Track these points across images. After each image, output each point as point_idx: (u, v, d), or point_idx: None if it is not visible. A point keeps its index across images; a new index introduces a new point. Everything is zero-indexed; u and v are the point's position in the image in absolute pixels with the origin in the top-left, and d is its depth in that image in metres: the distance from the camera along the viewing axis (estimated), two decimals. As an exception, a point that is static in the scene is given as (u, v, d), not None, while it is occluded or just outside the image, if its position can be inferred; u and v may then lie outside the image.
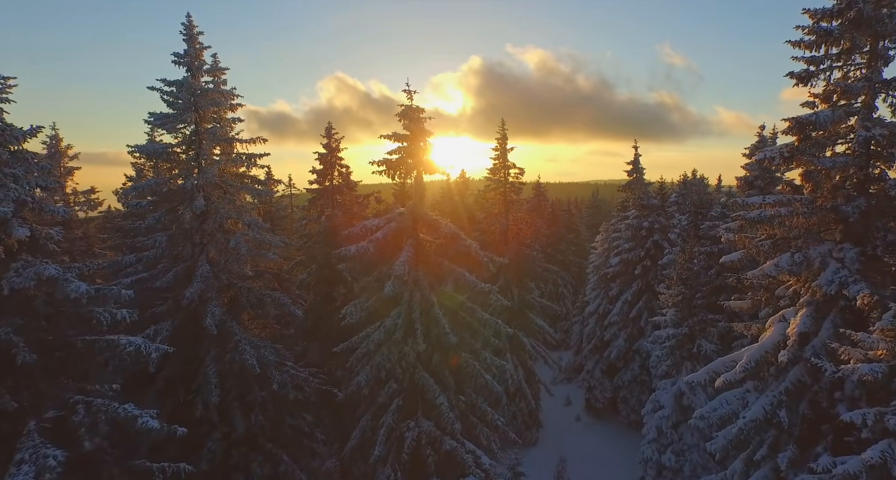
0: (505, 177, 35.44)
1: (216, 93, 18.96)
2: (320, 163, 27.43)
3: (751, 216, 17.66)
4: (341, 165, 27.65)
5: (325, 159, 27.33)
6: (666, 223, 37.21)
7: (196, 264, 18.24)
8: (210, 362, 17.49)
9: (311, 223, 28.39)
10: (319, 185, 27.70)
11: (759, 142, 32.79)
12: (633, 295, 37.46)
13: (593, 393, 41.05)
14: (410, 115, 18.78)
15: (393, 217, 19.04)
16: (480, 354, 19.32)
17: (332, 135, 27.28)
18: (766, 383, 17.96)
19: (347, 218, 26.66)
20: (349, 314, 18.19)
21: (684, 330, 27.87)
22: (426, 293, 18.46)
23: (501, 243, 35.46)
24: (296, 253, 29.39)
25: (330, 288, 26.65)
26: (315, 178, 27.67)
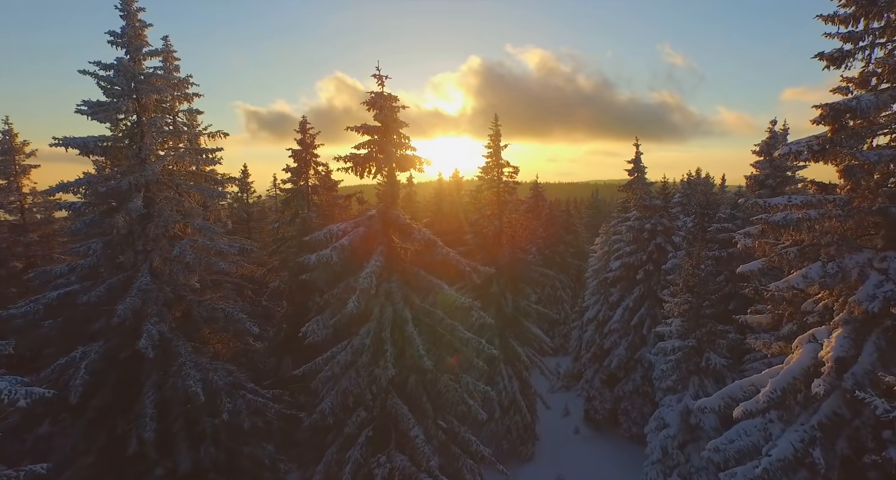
0: (498, 177, 32.77)
1: (160, 79, 16.31)
2: (294, 161, 24.78)
3: (774, 219, 15.00)
4: (317, 163, 24.99)
5: (299, 156, 24.68)
6: (669, 225, 34.51)
7: (137, 275, 15.61)
8: (150, 389, 14.88)
9: (285, 226, 25.75)
10: (294, 185, 25.04)
11: (770, 139, 30.07)
12: (634, 302, 34.77)
13: (592, 404, 38.33)
14: (381, 104, 16.13)
15: (361, 221, 16.41)
16: (462, 378, 16.65)
17: (306, 130, 24.62)
18: (793, 412, 15.29)
19: (324, 221, 24.00)
20: (311, 332, 15.54)
21: (691, 342, 25.17)
22: (399, 308, 15.84)
23: (495, 246, 32.81)
24: (269, 258, 26.75)
25: (305, 296, 24.02)
26: (289, 177, 25.00)
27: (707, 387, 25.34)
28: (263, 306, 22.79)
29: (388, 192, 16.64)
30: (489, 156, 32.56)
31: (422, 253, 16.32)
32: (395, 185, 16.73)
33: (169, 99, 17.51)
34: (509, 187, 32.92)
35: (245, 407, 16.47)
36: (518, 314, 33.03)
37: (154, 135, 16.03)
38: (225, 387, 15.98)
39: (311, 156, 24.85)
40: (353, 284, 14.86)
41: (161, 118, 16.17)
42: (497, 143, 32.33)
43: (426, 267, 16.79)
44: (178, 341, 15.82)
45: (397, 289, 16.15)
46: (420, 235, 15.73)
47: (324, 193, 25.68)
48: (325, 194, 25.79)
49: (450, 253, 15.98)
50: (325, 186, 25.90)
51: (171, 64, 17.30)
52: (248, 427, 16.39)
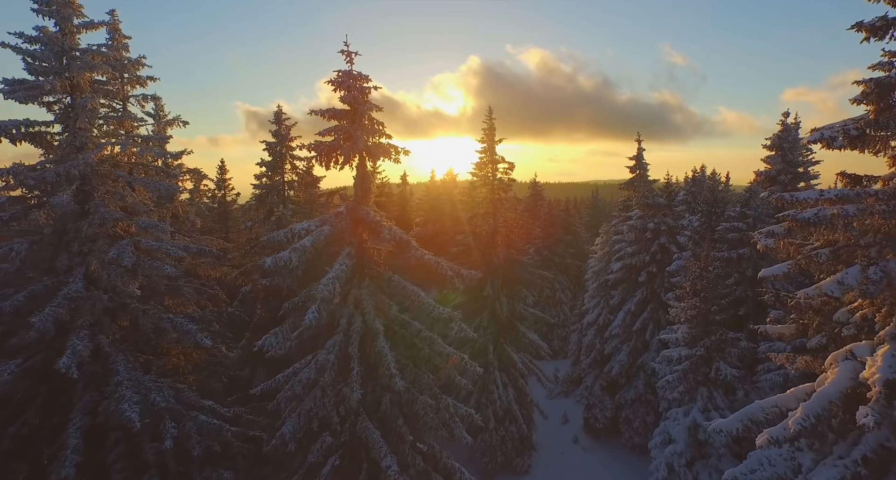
0: (493, 173, 30.48)
1: (99, 56, 14.01)
2: (269, 154, 22.47)
3: (804, 216, 12.70)
4: (294, 157, 22.68)
5: (273, 149, 22.39)
6: (674, 224, 32.17)
7: (68, 280, 13.34)
8: (78, 414, 12.62)
9: (258, 225, 23.44)
10: (268, 180, 22.74)
11: (782, 132, 27.70)
12: (636, 305, 32.42)
13: (592, 412, 35.99)
14: (349, 84, 13.86)
15: (327, 219, 14.14)
16: (442, 400, 14.33)
17: (282, 121, 22.33)
18: (826, 440, 12.96)
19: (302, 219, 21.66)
20: (269, 345, 13.27)
21: (699, 350, 22.84)
22: (370, 319, 13.58)
23: (489, 246, 30.53)
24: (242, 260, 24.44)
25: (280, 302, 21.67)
26: (262, 172, 22.69)
27: (716, 399, 23.03)
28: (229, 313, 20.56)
29: (357, 185, 14.38)
30: (483, 151, 30.30)
31: (395, 255, 14.06)
32: (365, 177, 14.47)
33: (117, 81, 15.22)
34: (504, 184, 30.63)
35: (196, 431, 14.21)
36: (514, 318, 30.74)
37: (88, 119, 13.76)
38: (172, 409, 13.72)
39: (288, 149, 22.59)
40: (312, 292, 12.59)
41: (93, 98, 13.83)
42: (491, 138, 30.06)
43: (404, 270, 14.51)
44: (117, 356, 13.57)
45: (368, 297, 13.89)
46: (390, 234, 13.44)
47: (302, 190, 23.40)
48: (304, 191, 23.50)
49: (425, 255, 13.70)
50: (304, 182, 23.61)
51: (118, 42, 15.09)
52: (200, 453, 14.12)
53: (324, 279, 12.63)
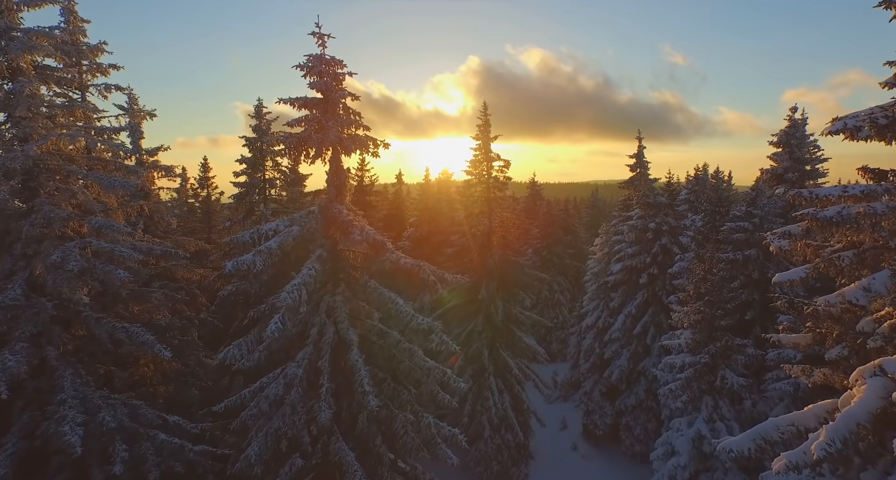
0: (488, 171, 29.02)
1: (45, 36, 12.59)
2: (249, 150, 21.02)
3: (826, 215, 11.26)
4: (276, 153, 21.24)
5: (253, 145, 20.93)
6: (676, 224, 30.69)
7: (7, 286, 11.93)
8: (11, 439, 11.19)
9: (237, 225, 21.99)
10: (248, 178, 21.29)
11: (789, 127, 26.24)
12: (637, 308, 30.94)
13: (592, 419, 34.49)
14: (320, 70, 12.46)
15: (295, 219, 12.75)
16: (423, 418, 12.89)
17: (262, 116, 20.89)
18: (851, 465, 11.51)
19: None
20: (232, 358, 11.85)
21: (704, 357, 21.37)
22: (343, 329, 12.17)
23: (484, 247, 29.07)
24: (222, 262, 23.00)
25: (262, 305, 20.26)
26: (242, 169, 21.26)
27: (722, 410, 21.55)
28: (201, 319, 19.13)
29: (330, 181, 12.97)
30: (478, 149, 28.83)
31: (372, 257, 12.64)
32: (339, 173, 13.05)
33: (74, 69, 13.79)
34: (500, 183, 29.16)
35: (153, 452, 12.78)
36: (509, 322, 29.28)
37: (29, 107, 12.35)
38: (126, 428, 12.30)
39: (268, 145, 21.16)
40: (275, 301, 11.19)
41: (31, 82, 12.35)
42: (486, 135, 28.60)
43: (384, 275, 13.07)
44: (65, 370, 12.15)
45: (342, 304, 12.48)
46: (361, 235, 12.01)
47: (287, 189, 21.97)
48: (289, 189, 22.06)
49: (401, 259, 12.28)
50: (289, 180, 22.17)
51: (74, 25, 13.72)
52: (157, 476, 12.68)
53: (288, 286, 11.23)
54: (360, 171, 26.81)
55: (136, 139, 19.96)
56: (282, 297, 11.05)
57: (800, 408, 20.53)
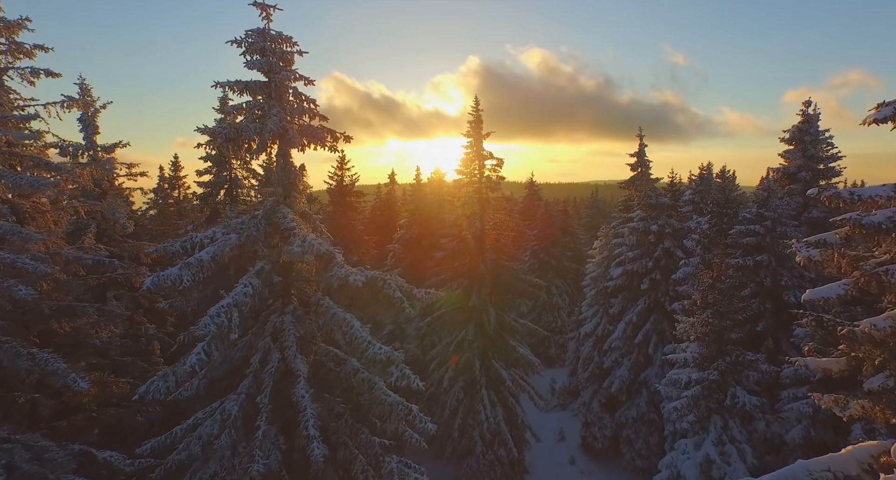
0: (480, 170, 26.87)
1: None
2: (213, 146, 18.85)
3: (872, 220, 9.14)
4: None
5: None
6: (679, 226, 28.52)
7: None
8: None
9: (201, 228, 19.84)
10: (213, 177, 19.15)
11: (802, 122, 24.06)
12: (638, 316, 28.76)
13: (591, 430, 32.34)
14: (264, 48, 10.34)
15: (234, 225, 10.61)
16: (385, 463, 10.75)
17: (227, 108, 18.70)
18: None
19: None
20: (155, 391, 9.72)
21: (712, 374, 19.23)
22: (290, 356, 10.04)
23: (476, 251, 26.91)
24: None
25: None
26: (206, 167, 19.12)
27: (732, 431, 19.39)
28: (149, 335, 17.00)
29: (277, 180, 10.87)
30: (469, 146, 26.68)
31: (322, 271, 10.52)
32: (288, 170, 10.95)
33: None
34: (492, 183, 26.99)
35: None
36: (503, 331, 27.14)
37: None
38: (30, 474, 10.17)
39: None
40: (194, 328, 9.07)
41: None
42: (478, 132, 26.46)
43: (344, 292, 10.92)
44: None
45: (291, 326, 10.39)
46: (303, 246, 9.88)
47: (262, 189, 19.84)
48: (262, 189, 19.93)
49: (350, 274, 10.15)
50: (261, 180, 20.04)
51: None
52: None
53: (214, 308, 9.16)
54: (339, 170, 24.70)
55: (89, 134, 17.91)
56: (201, 324, 8.98)
57: (821, 433, 18.35)
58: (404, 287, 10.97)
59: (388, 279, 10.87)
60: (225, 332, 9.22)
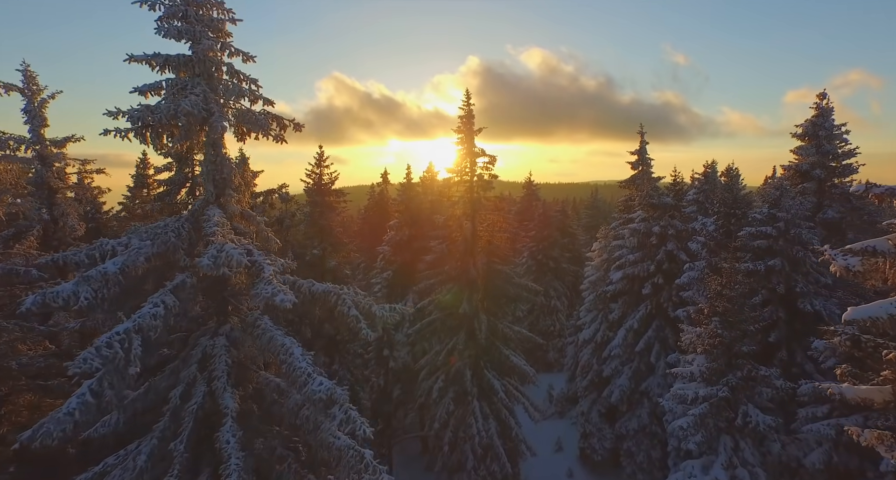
0: (471, 168, 24.93)
1: None
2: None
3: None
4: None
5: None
6: (683, 228, 26.54)
7: None
8: None
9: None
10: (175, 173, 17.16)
11: (817, 116, 22.07)
12: (639, 322, 26.80)
13: (589, 442, 30.41)
14: (187, 14, 8.43)
15: (151, 230, 8.68)
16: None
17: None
18: None
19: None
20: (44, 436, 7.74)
21: (722, 390, 17.25)
22: (219, 389, 8.15)
23: (466, 254, 24.97)
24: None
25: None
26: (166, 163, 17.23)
27: (744, 453, 17.39)
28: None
29: (206, 176, 8.98)
30: (460, 142, 24.78)
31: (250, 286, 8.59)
32: (220, 163, 9.07)
33: None
34: (484, 181, 25.05)
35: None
36: (495, 339, 25.20)
37: None
38: None
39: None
40: (70, 364, 7.13)
41: None
42: (469, 127, 24.56)
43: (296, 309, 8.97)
44: None
45: (223, 353, 8.49)
46: (215, 257, 7.94)
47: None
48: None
49: (278, 294, 8.11)
50: None
51: None
52: None
53: (104, 336, 7.22)
54: (318, 168, 22.80)
55: (35, 126, 16.03)
56: (78, 360, 7.02)
57: (845, 458, 16.28)
58: (362, 303, 9.09)
59: (342, 294, 9.00)
60: (121, 366, 7.33)
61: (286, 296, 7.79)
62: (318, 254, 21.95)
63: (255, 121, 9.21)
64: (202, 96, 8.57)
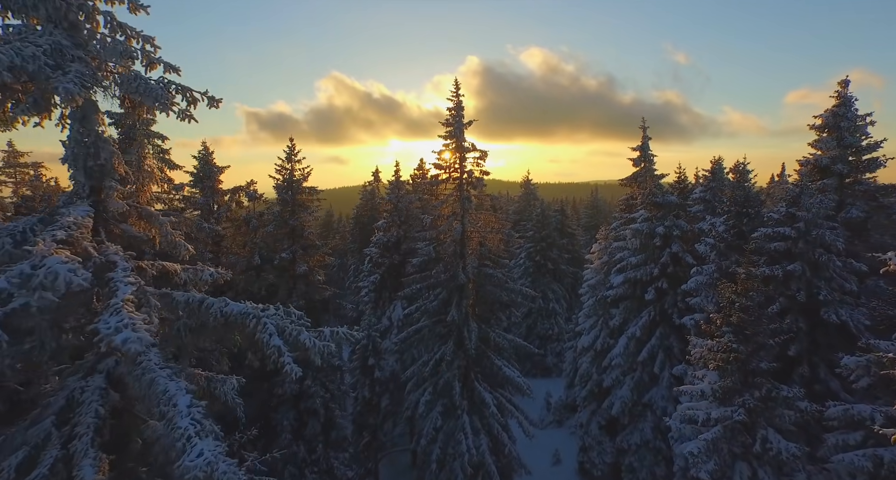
0: (461, 164, 22.68)
1: None
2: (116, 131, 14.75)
3: None
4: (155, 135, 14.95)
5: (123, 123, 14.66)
6: (689, 228, 24.25)
7: None
8: None
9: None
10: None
11: (838, 106, 19.76)
12: (642, 330, 24.51)
13: (589, 456, 28.16)
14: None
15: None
16: None
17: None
18: None
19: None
20: None
21: (737, 412, 14.99)
22: (78, 453, 5.90)
23: (456, 257, 22.70)
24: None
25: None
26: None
27: (764, 483, 15.10)
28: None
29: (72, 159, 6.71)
30: (447, 136, 22.53)
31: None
32: (96, 145, 6.79)
33: None
34: (475, 179, 22.78)
35: None
36: (487, 348, 22.95)
37: None
38: None
39: (145, 122, 14.89)
40: None
41: None
42: (459, 120, 22.36)
43: (214, 333, 6.77)
44: None
45: (95, 399, 6.13)
46: (32, 277, 5.42)
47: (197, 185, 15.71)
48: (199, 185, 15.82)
49: (119, 331, 5.96)
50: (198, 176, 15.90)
51: None
52: None
53: None
54: (288, 163, 20.53)
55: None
56: None
57: (883, 497, 13.97)
58: (289, 330, 6.88)
59: (264, 317, 6.80)
60: None
61: (135, 335, 5.52)
62: (288, 258, 19.69)
63: (148, 91, 7.02)
64: (48, 46, 6.30)
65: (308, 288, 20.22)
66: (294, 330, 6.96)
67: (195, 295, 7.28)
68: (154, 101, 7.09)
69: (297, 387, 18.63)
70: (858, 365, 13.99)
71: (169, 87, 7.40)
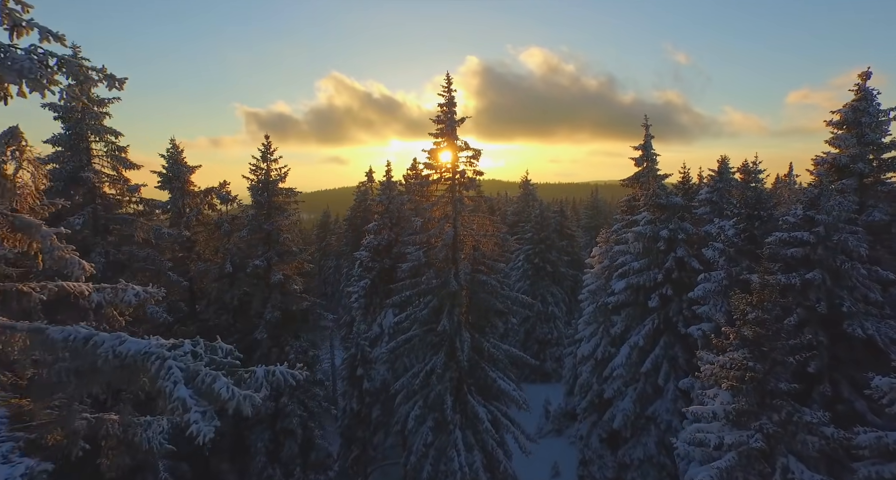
0: (453, 164, 21.07)
1: None
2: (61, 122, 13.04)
3: None
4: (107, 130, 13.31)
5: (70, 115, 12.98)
6: (695, 232, 22.59)
7: None
8: None
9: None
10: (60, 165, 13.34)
11: (858, 100, 18.06)
12: (646, 339, 22.84)
13: (589, 469, 26.49)
14: None
15: None
16: None
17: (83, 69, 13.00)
18: None
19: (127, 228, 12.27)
20: None
21: (754, 438, 13.32)
22: None
23: (448, 263, 21.06)
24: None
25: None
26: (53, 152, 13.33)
27: (783, 517, 13.41)
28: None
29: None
30: (439, 133, 20.91)
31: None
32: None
33: None
34: (468, 179, 21.17)
35: None
36: (480, 359, 21.30)
37: None
38: None
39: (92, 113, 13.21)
40: None
41: None
42: (451, 117, 20.72)
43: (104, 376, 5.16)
44: None
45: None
46: None
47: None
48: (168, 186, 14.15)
49: None
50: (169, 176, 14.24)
51: None
52: None
53: None
54: (264, 163, 18.90)
55: None
56: None
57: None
58: (203, 375, 5.24)
59: (169, 360, 5.20)
60: None
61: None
62: (263, 266, 18.03)
63: (12, 64, 5.38)
64: None
65: (284, 298, 18.55)
66: (208, 377, 5.34)
67: (80, 331, 5.66)
68: (21, 78, 5.43)
69: (272, 406, 17.04)
70: (892, 386, 12.30)
71: (45, 60, 5.74)
